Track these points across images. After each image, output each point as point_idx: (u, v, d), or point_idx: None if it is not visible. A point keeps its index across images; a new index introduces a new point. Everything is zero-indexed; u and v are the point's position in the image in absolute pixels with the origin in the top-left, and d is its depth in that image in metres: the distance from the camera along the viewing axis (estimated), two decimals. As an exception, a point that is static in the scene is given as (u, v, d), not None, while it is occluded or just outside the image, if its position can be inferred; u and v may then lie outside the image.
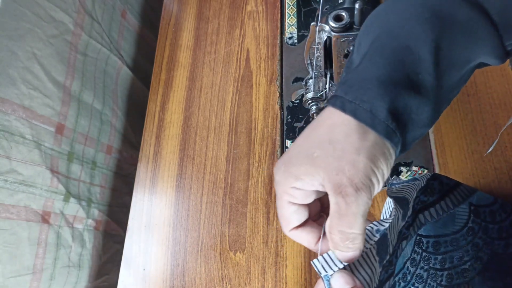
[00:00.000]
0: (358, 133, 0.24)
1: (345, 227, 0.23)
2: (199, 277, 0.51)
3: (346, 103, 0.25)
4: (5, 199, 0.44)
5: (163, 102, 0.63)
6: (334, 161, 0.23)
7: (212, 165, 0.56)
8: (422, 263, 0.37)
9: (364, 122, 0.24)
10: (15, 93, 0.46)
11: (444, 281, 0.36)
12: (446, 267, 0.36)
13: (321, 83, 0.42)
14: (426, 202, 0.35)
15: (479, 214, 0.36)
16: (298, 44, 0.60)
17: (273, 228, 0.50)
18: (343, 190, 0.23)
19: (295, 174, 0.25)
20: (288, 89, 0.58)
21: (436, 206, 0.35)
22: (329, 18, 0.34)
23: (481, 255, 0.36)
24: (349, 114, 0.24)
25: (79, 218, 0.55)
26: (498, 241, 0.36)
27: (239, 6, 0.66)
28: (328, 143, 0.24)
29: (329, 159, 0.24)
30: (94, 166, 0.60)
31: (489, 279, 0.36)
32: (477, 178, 0.45)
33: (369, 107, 0.24)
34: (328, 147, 0.24)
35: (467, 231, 0.36)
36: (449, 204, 0.35)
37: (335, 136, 0.24)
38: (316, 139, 0.25)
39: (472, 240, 0.36)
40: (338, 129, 0.24)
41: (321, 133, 0.25)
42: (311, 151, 0.25)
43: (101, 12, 0.63)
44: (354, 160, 0.23)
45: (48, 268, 0.49)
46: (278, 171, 0.26)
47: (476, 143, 0.47)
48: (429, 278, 0.37)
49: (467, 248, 0.36)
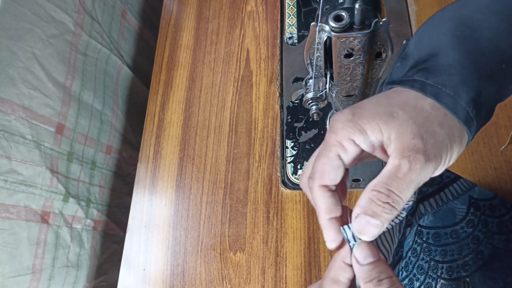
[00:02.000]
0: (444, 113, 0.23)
1: (395, 189, 0.22)
2: (199, 277, 0.51)
3: (427, 86, 0.24)
4: (4, 199, 0.44)
5: (163, 102, 0.63)
6: (415, 125, 0.23)
7: (212, 165, 0.56)
8: (423, 254, 0.37)
9: (445, 105, 0.23)
10: (15, 93, 0.46)
11: (445, 274, 0.36)
12: (446, 259, 0.37)
13: (321, 83, 0.42)
14: (426, 192, 0.35)
15: (479, 207, 0.37)
16: (298, 44, 0.60)
17: (273, 228, 0.50)
18: (412, 155, 0.22)
19: (362, 127, 0.24)
20: (288, 89, 0.58)
21: (435, 197, 0.35)
22: (329, 18, 0.34)
23: (481, 249, 0.36)
24: (430, 96, 0.24)
25: (78, 218, 0.55)
26: (498, 235, 0.36)
27: (239, 6, 0.66)
28: (413, 108, 0.24)
29: (409, 121, 0.23)
30: (93, 166, 0.60)
31: (489, 278, 0.36)
32: (477, 178, 0.45)
33: (453, 92, 0.23)
34: (412, 111, 0.23)
35: (467, 223, 0.37)
36: (448, 196, 0.36)
37: (421, 104, 0.24)
38: (399, 101, 0.24)
39: (472, 233, 0.36)
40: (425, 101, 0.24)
41: (405, 98, 0.24)
42: (391, 109, 0.24)
43: (101, 12, 0.63)
44: (436, 131, 0.23)
45: (47, 268, 0.49)
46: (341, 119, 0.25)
47: (476, 143, 0.47)
48: (430, 270, 0.37)
49: (467, 241, 0.36)
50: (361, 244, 0.24)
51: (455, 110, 0.23)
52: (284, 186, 0.52)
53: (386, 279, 0.22)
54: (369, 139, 0.24)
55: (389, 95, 0.25)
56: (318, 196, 0.26)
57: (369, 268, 0.23)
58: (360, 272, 0.23)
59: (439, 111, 0.23)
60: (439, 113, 0.23)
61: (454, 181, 0.36)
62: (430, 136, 0.23)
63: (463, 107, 0.23)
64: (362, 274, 0.23)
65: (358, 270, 0.23)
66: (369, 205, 0.23)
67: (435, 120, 0.23)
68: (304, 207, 0.50)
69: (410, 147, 0.22)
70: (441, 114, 0.23)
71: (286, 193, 0.52)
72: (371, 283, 0.22)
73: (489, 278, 0.36)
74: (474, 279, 0.36)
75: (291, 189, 0.52)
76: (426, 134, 0.23)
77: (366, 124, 0.24)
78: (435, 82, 0.24)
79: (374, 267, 0.23)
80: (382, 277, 0.22)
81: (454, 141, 0.23)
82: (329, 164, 0.25)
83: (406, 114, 0.23)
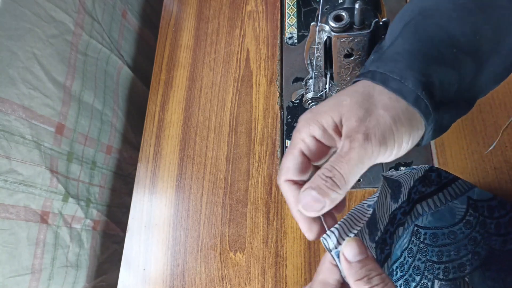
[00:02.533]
0: (390, 96, 0.24)
1: (337, 166, 0.23)
2: (199, 277, 0.51)
3: (376, 74, 0.25)
4: (4, 199, 0.44)
5: (163, 102, 0.63)
6: (360, 110, 0.24)
7: (212, 165, 0.56)
8: (419, 254, 0.37)
9: (392, 90, 0.24)
10: (15, 93, 0.46)
11: (441, 275, 0.36)
12: (443, 260, 0.37)
13: (321, 83, 0.42)
14: (424, 192, 0.35)
15: (477, 208, 0.37)
16: (298, 44, 0.60)
17: (273, 228, 0.50)
18: (353, 135, 0.23)
19: (319, 121, 0.25)
20: (288, 89, 0.58)
21: (433, 197, 0.35)
22: (329, 18, 0.34)
23: (478, 250, 0.36)
24: (379, 83, 0.25)
25: (78, 218, 0.55)
26: (495, 236, 0.36)
27: (239, 6, 0.66)
28: (360, 94, 0.25)
29: (355, 106, 0.24)
30: (93, 166, 0.60)
31: (489, 278, 0.36)
32: (477, 178, 0.45)
33: (399, 77, 0.24)
34: (359, 97, 0.25)
35: (465, 224, 0.37)
36: (447, 196, 0.36)
37: (368, 91, 0.25)
38: (350, 91, 0.26)
39: (469, 234, 0.36)
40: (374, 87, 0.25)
41: (356, 87, 0.26)
42: (341, 99, 0.25)
43: (101, 12, 0.63)
44: (378, 114, 0.24)
45: (47, 268, 0.49)
46: (303, 118, 0.26)
47: (476, 143, 0.47)
48: (426, 270, 0.37)
49: (465, 242, 0.36)
50: (350, 241, 0.24)
51: (402, 93, 0.24)
52: (284, 186, 0.52)
53: (376, 277, 0.22)
54: (327, 132, 0.25)
55: (345, 89, 0.27)
56: (285, 191, 0.27)
57: (359, 266, 0.23)
58: (350, 270, 0.23)
59: (385, 95, 0.25)
60: (384, 97, 0.25)
61: (453, 181, 0.36)
62: (372, 118, 0.24)
63: (410, 89, 0.24)
64: (352, 273, 0.23)
65: (347, 268, 0.23)
66: (314, 179, 0.24)
67: (379, 104, 0.24)
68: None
69: (352, 129, 0.24)
70: (385, 98, 0.24)
71: (286, 193, 0.52)
72: (361, 281, 0.22)
73: (488, 278, 0.36)
74: (473, 278, 0.36)
75: (291, 189, 0.52)
76: (368, 116, 0.24)
77: (322, 118, 0.25)
78: (384, 70, 0.25)
79: (364, 265, 0.23)
80: (372, 275, 0.22)
81: (401, 123, 0.24)
82: (293, 161, 0.26)
83: (353, 100, 0.25)
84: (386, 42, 0.29)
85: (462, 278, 0.36)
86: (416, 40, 0.26)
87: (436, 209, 0.35)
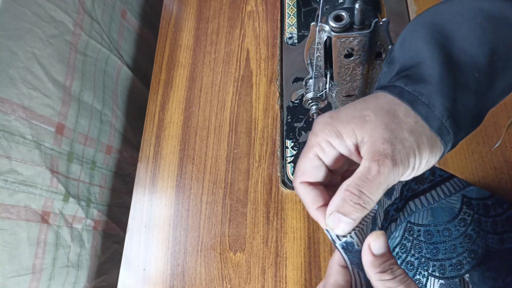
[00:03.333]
0: (416, 121, 0.24)
1: (366, 190, 0.24)
2: (199, 277, 0.51)
3: (405, 92, 0.25)
4: (5, 199, 0.44)
5: (163, 102, 0.63)
6: (386, 130, 0.24)
7: (212, 165, 0.56)
8: (413, 250, 0.38)
9: (419, 113, 0.24)
10: (15, 93, 0.46)
11: (437, 272, 0.37)
12: (438, 257, 0.37)
13: (321, 83, 0.42)
14: (417, 190, 0.35)
15: (472, 206, 0.37)
16: (298, 44, 0.60)
17: (273, 228, 0.50)
18: (381, 159, 0.23)
19: (338, 130, 0.25)
20: (288, 89, 0.58)
21: (426, 194, 0.35)
22: (329, 18, 0.34)
23: (475, 248, 0.36)
24: (406, 103, 0.25)
25: (78, 218, 0.55)
26: (492, 235, 0.36)
27: (239, 6, 0.66)
28: (385, 113, 0.25)
29: (381, 126, 0.24)
30: (93, 166, 0.60)
31: (489, 278, 0.36)
32: (477, 178, 0.45)
33: (427, 101, 0.24)
34: (384, 116, 0.24)
35: (459, 222, 0.37)
36: (440, 194, 0.36)
37: (394, 109, 0.25)
38: (374, 105, 0.25)
39: (464, 232, 0.37)
40: (400, 106, 0.25)
41: (381, 102, 0.26)
42: (364, 113, 0.25)
43: (101, 12, 0.63)
44: (405, 138, 0.24)
45: (47, 268, 0.49)
46: (321, 122, 0.26)
47: (476, 143, 0.47)
48: (420, 267, 0.37)
49: (460, 239, 0.37)
50: (377, 234, 0.24)
51: (428, 119, 0.24)
52: (284, 186, 0.52)
53: (399, 269, 0.23)
54: (345, 142, 0.25)
55: (367, 99, 0.26)
56: (301, 192, 0.27)
57: (384, 259, 0.23)
58: (375, 262, 0.23)
59: (411, 118, 0.24)
60: (410, 120, 0.24)
61: (447, 180, 0.36)
62: (398, 142, 0.24)
63: (436, 116, 0.24)
64: (376, 264, 0.23)
65: (372, 261, 0.24)
66: (342, 204, 0.24)
67: (405, 127, 0.24)
68: (304, 207, 0.50)
69: (380, 151, 0.24)
70: (412, 121, 0.24)
71: (286, 193, 0.52)
72: (386, 274, 0.23)
73: (488, 277, 0.36)
74: (473, 278, 0.36)
75: (291, 189, 0.52)
76: (395, 140, 0.24)
77: (342, 128, 0.25)
78: (413, 89, 0.25)
79: (388, 258, 0.23)
80: (394, 268, 0.23)
81: (424, 148, 0.24)
82: (308, 163, 0.27)
83: (379, 118, 0.24)
84: (398, 55, 0.28)
85: (461, 277, 0.36)
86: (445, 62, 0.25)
87: (429, 206, 0.35)
